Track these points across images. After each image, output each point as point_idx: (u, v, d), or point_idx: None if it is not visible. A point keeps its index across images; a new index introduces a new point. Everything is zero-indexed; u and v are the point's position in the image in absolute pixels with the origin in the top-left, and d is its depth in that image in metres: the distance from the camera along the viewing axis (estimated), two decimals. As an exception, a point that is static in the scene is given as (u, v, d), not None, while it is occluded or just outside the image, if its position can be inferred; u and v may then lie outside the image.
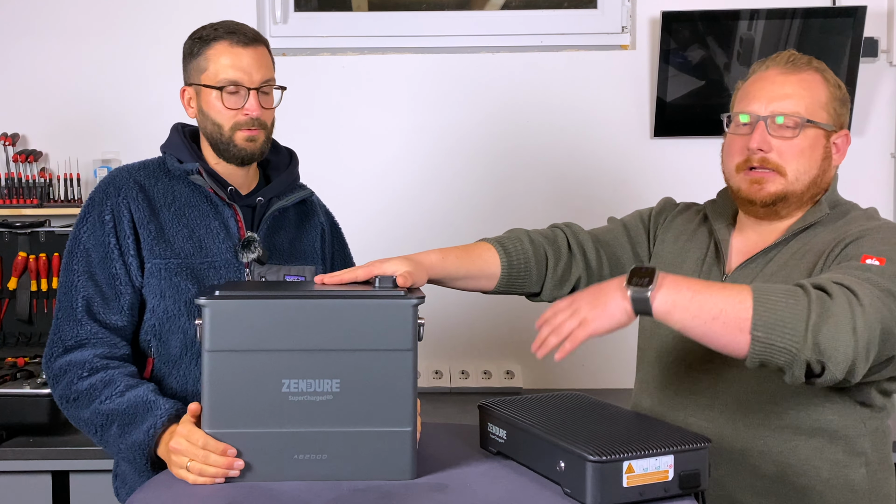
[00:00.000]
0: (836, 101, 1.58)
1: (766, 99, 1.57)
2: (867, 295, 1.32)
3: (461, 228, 2.77)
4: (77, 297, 1.64)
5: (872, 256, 1.41)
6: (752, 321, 1.29)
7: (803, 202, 1.59)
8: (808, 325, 1.28)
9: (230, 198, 1.74)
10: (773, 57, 1.62)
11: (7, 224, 2.66)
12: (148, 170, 1.75)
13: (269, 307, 1.36)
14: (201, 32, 1.72)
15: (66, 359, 1.61)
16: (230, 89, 1.68)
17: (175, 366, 1.68)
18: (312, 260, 1.84)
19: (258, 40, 1.72)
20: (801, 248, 1.57)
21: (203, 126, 1.74)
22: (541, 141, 2.80)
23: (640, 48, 2.80)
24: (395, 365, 1.36)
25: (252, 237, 1.72)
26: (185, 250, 1.69)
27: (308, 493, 1.31)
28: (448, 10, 2.89)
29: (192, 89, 1.73)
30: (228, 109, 1.69)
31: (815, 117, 1.56)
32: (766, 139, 1.55)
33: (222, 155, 1.73)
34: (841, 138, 1.59)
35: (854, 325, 1.29)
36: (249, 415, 1.36)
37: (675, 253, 1.74)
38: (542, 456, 1.36)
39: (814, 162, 1.56)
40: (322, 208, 1.95)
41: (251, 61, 1.69)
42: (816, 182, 1.58)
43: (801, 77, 1.58)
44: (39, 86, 2.79)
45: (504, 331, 2.81)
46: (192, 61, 1.72)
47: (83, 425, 1.61)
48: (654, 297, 1.32)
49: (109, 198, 1.69)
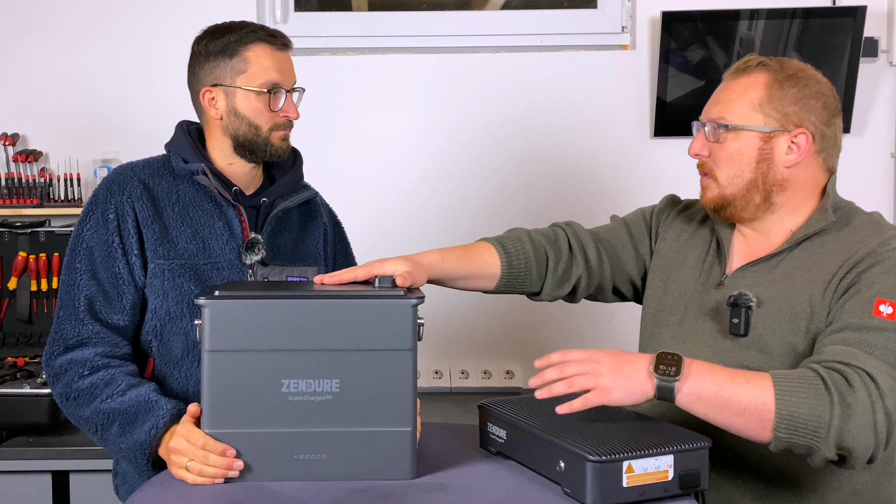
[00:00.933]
0: (782, 101, 1.54)
1: (707, 106, 1.63)
2: (885, 379, 1.36)
3: (462, 228, 2.77)
4: (79, 296, 1.64)
5: (885, 301, 1.43)
6: (775, 422, 1.34)
7: (756, 204, 1.58)
8: (829, 427, 1.33)
9: (235, 198, 1.73)
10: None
11: (7, 224, 2.66)
12: (152, 168, 1.73)
13: (268, 307, 1.36)
14: (230, 33, 1.70)
15: (66, 357, 1.61)
16: (273, 92, 1.69)
17: (176, 367, 1.67)
18: (315, 261, 1.83)
19: (289, 44, 1.75)
20: (807, 258, 1.55)
21: (234, 127, 1.72)
22: (541, 141, 2.80)
23: (640, 48, 2.80)
24: (395, 365, 1.36)
25: (256, 238, 1.71)
26: (188, 251, 1.68)
27: (308, 493, 1.31)
28: (448, 10, 2.89)
29: (218, 90, 1.71)
30: (271, 112, 1.70)
31: (745, 120, 1.55)
32: (700, 146, 1.61)
33: (253, 155, 1.73)
34: (799, 136, 1.54)
35: (875, 421, 1.34)
36: (249, 415, 1.35)
37: (676, 251, 1.74)
38: (541, 456, 1.36)
39: (745, 165, 1.56)
40: (326, 208, 1.94)
41: (288, 64, 1.74)
42: (757, 184, 1.56)
43: (741, 81, 1.58)
44: (39, 86, 2.79)
45: (504, 331, 2.81)
46: (223, 61, 1.69)
47: (83, 424, 1.60)
48: (679, 388, 1.36)
49: (113, 196, 1.68)
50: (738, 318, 1.53)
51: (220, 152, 1.75)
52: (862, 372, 1.36)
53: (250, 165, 1.76)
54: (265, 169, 1.85)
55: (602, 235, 1.80)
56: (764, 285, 1.56)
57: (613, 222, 1.85)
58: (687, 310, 1.65)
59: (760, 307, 1.54)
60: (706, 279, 1.66)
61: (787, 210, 1.59)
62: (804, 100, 1.55)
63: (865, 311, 1.43)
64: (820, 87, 1.57)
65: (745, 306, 1.52)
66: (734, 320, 1.53)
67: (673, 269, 1.72)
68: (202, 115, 1.77)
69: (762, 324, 1.53)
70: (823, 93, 1.57)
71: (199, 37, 1.74)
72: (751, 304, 1.52)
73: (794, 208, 1.59)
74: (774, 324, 1.52)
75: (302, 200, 1.83)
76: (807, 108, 1.55)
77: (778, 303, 1.53)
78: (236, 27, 1.71)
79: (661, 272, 1.74)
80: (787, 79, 1.55)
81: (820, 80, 1.58)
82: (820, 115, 1.55)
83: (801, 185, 1.58)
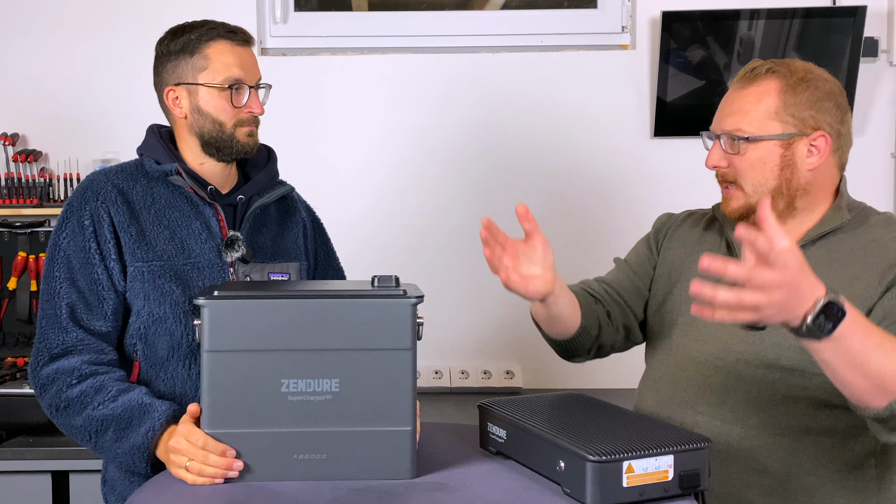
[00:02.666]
0: (797, 106, 1.55)
1: (719, 117, 1.62)
2: None
3: (463, 228, 2.77)
4: (60, 304, 1.62)
5: None
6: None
7: (780, 210, 1.58)
8: None
9: (211, 197, 1.72)
10: (740, 71, 1.63)
11: (7, 224, 2.66)
12: (126, 172, 1.73)
13: (268, 307, 1.35)
14: (190, 32, 1.70)
15: (53, 367, 1.59)
16: (235, 88, 1.69)
17: (162, 368, 1.66)
18: (296, 256, 1.83)
19: (251, 40, 1.75)
20: (825, 255, 1.56)
21: (199, 125, 1.71)
22: (540, 141, 2.80)
23: (640, 48, 2.80)
24: (395, 364, 1.36)
25: (235, 236, 1.70)
26: (167, 252, 1.67)
27: (308, 493, 1.31)
28: (448, 10, 2.88)
29: (181, 88, 1.71)
30: (234, 108, 1.69)
31: (763, 129, 1.55)
32: (718, 158, 1.59)
33: (220, 153, 1.73)
34: (818, 139, 1.55)
35: None
36: (249, 415, 1.35)
37: (682, 258, 1.73)
38: (541, 456, 1.36)
39: (769, 173, 1.56)
40: (303, 204, 1.93)
41: (251, 60, 1.73)
42: (783, 190, 1.57)
43: (752, 90, 1.58)
44: (39, 86, 2.79)
45: (504, 331, 2.81)
46: (185, 59, 1.70)
47: (75, 432, 1.59)
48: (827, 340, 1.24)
49: (88, 202, 1.66)
50: None
51: (191, 152, 1.75)
52: None
53: (221, 165, 1.76)
54: (240, 167, 1.84)
55: (626, 297, 1.78)
56: None
57: (623, 273, 1.82)
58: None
59: None
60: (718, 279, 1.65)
61: (805, 212, 1.60)
62: (818, 102, 1.56)
63: None
64: (830, 87, 1.58)
65: None
66: None
67: (681, 273, 1.71)
68: (169, 116, 1.77)
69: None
70: (834, 92, 1.58)
71: (161, 38, 1.74)
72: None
73: (811, 209, 1.60)
74: None
75: (278, 196, 1.82)
76: (822, 110, 1.56)
77: None
78: (197, 25, 1.72)
79: (665, 276, 1.74)
80: (798, 83, 1.56)
81: (828, 80, 1.59)
82: (834, 115, 1.57)
83: (820, 186, 1.59)
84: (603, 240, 2.75)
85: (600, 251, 2.75)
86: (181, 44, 1.70)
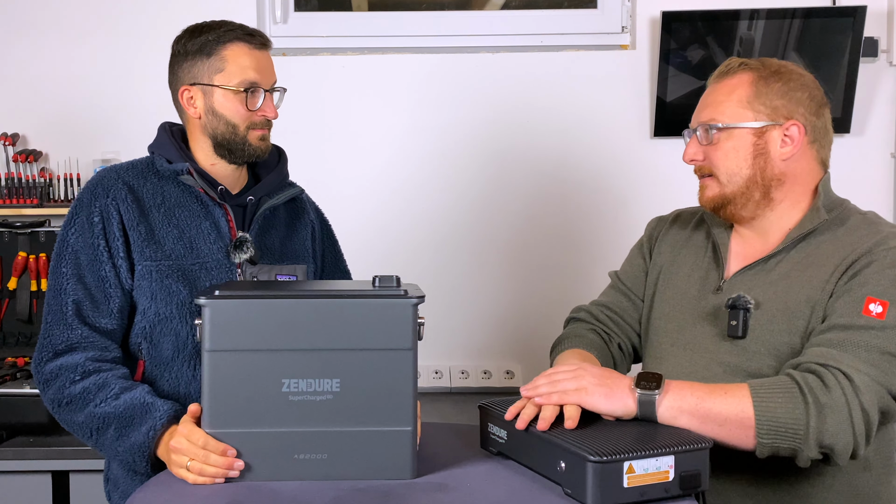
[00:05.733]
0: (769, 96, 1.57)
1: (696, 113, 1.66)
2: (862, 378, 1.38)
3: (463, 228, 2.78)
4: (66, 301, 1.62)
5: (876, 300, 1.44)
6: (756, 428, 1.37)
7: (756, 200, 1.59)
8: (808, 428, 1.37)
9: (221, 197, 1.72)
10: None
11: (7, 224, 2.66)
12: (136, 170, 1.72)
13: (269, 307, 1.35)
14: (208, 32, 1.70)
15: (56, 363, 1.59)
16: (251, 91, 1.69)
17: (167, 368, 1.66)
18: (303, 259, 1.83)
19: (269, 43, 1.75)
20: (803, 259, 1.56)
21: (212, 127, 1.71)
22: (541, 141, 2.80)
23: (640, 48, 2.80)
24: (396, 364, 1.36)
25: (244, 237, 1.70)
26: (175, 251, 1.67)
27: (308, 493, 1.31)
28: (448, 10, 2.89)
29: (197, 89, 1.71)
30: (248, 111, 1.69)
31: (736, 118, 1.58)
32: (694, 151, 1.64)
33: (232, 155, 1.73)
34: (791, 128, 1.57)
35: (851, 419, 1.37)
36: (249, 415, 1.35)
37: (671, 259, 1.75)
38: (542, 456, 1.36)
39: (742, 161, 1.58)
40: (312, 206, 1.93)
41: (267, 63, 1.73)
42: (756, 180, 1.58)
43: (726, 82, 1.62)
44: (39, 86, 2.79)
45: (504, 331, 2.81)
46: (201, 60, 1.69)
47: (76, 429, 1.59)
48: (660, 402, 1.39)
49: (98, 199, 1.66)
50: (737, 321, 1.54)
51: (203, 152, 1.75)
52: (837, 371, 1.39)
53: (232, 166, 1.76)
54: (250, 168, 1.84)
55: (624, 317, 1.80)
56: (761, 287, 1.56)
57: (616, 297, 1.83)
58: (685, 316, 1.65)
59: (759, 309, 1.54)
60: (703, 284, 1.66)
61: (785, 206, 1.60)
62: (790, 92, 1.58)
63: (855, 310, 1.45)
64: (803, 80, 1.60)
65: (744, 308, 1.53)
66: (732, 322, 1.54)
67: (669, 277, 1.73)
68: (182, 115, 1.77)
69: (760, 325, 1.53)
70: (808, 84, 1.60)
71: (178, 36, 1.74)
72: (749, 306, 1.53)
73: (791, 205, 1.60)
74: (773, 325, 1.52)
75: (288, 198, 1.82)
76: (794, 100, 1.58)
77: (776, 304, 1.53)
78: (215, 26, 1.71)
79: (655, 282, 1.75)
80: (770, 75, 1.59)
81: (803, 74, 1.61)
82: (808, 106, 1.58)
83: (797, 180, 1.60)
84: (602, 239, 2.75)
85: (600, 251, 2.76)
86: (199, 44, 1.70)
